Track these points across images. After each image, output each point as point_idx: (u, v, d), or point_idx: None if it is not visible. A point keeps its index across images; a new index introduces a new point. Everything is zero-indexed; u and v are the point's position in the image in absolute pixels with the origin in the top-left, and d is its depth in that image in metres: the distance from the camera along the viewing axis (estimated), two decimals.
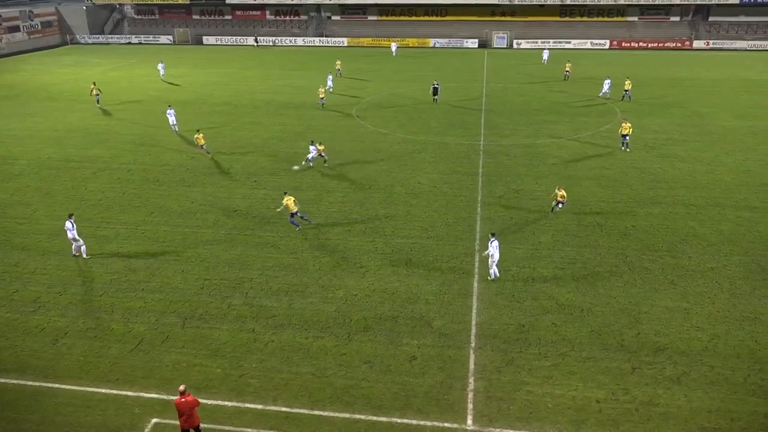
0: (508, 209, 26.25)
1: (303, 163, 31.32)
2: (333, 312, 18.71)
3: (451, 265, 21.49)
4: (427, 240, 23.48)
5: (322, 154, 31.68)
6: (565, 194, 25.10)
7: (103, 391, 15.36)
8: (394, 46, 72.57)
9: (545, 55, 65.95)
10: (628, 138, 33.55)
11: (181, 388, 13.13)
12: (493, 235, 20.21)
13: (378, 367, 16.20)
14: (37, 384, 15.64)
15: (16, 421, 14.36)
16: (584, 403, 14.75)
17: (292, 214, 24.01)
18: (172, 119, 38.14)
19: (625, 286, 19.97)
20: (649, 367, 15.99)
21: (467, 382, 15.58)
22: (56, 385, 15.57)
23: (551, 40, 77.69)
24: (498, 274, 20.37)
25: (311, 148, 31.48)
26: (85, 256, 22.14)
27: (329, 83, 48.98)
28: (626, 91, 45.94)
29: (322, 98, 45.01)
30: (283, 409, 14.72)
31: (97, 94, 45.50)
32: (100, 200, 27.72)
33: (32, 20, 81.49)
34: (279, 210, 24.69)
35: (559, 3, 79.79)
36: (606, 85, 47.17)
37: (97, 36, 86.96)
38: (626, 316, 18.31)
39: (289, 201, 23.85)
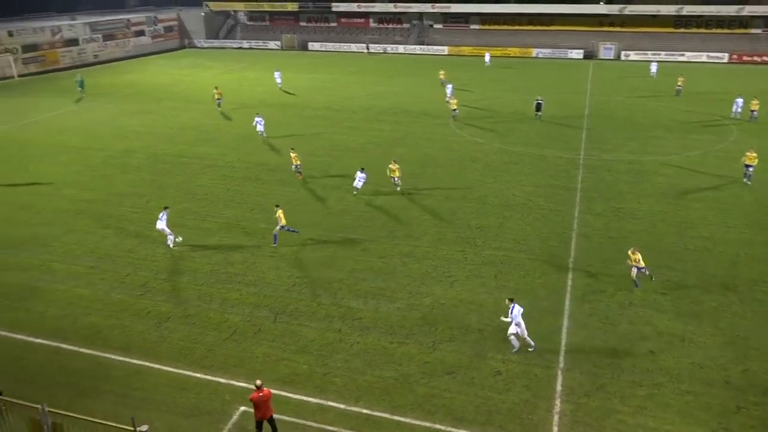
0: (607, 227, 25.16)
1: (354, 193, 28.92)
2: (419, 319, 18.72)
3: (542, 281, 20.89)
4: (519, 253, 22.97)
5: (395, 178, 29.14)
6: (640, 258, 19.96)
7: (198, 375, 16.23)
8: (487, 56, 71.59)
9: (653, 67, 62.37)
10: (752, 169, 29.74)
11: (258, 382, 13.56)
12: (511, 300, 17.18)
13: (461, 378, 16.02)
14: (140, 363, 16.78)
15: (122, 395, 15.46)
16: None
17: (281, 227, 23.43)
18: (260, 127, 38.76)
19: (733, 318, 18.55)
20: (756, 408, 14.74)
21: (553, 404, 15.06)
22: (157, 366, 16.64)
23: (662, 52, 73.66)
24: (532, 344, 17.20)
25: (359, 174, 28.88)
26: (170, 246, 23.47)
27: (449, 92, 48.14)
28: (753, 111, 42.30)
29: (455, 110, 43.80)
30: (365, 411, 14.89)
31: (219, 99, 47.87)
32: (206, 195, 29.37)
33: (156, 25, 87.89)
34: (278, 227, 23.58)
35: (674, 14, 75.71)
36: (737, 104, 43.10)
37: (212, 40, 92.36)
38: (733, 350, 16.99)
39: (280, 214, 23.42)
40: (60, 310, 19.48)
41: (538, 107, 43.96)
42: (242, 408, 14.86)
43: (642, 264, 19.95)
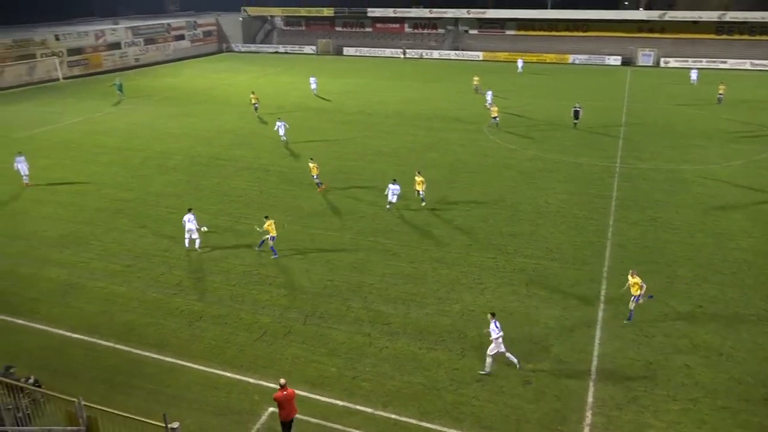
0: (643, 237, 24.65)
1: (387, 207, 27.65)
2: (448, 325, 18.62)
3: (575, 290, 20.57)
4: (552, 262, 22.67)
5: (420, 191, 27.92)
6: (639, 282, 18.36)
7: (229, 375, 16.45)
8: (520, 62, 70.85)
9: (693, 74, 60.89)
10: None
11: (282, 381, 13.66)
12: (492, 315, 16.44)
13: (490, 386, 15.88)
14: (173, 361, 17.10)
15: (154, 392, 15.78)
16: None
17: (272, 238, 22.99)
18: (281, 131, 38.77)
19: None
20: None
21: (584, 415, 14.81)
22: (189, 364, 16.92)
23: (704, 60, 71.90)
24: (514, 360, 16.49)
25: (391, 186, 27.25)
26: (198, 248, 23.63)
27: (489, 99, 47.71)
28: None
29: (495, 117, 42.40)
30: (392, 416, 14.87)
31: (255, 104, 48.12)
32: (240, 197, 29.79)
33: (195, 30, 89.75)
34: (259, 231, 23.27)
35: (716, 20, 73.90)
36: None
37: (249, 45, 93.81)
38: None
39: (270, 225, 22.97)
40: (97, 306, 20.00)
41: (576, 115, 42.62)
42: (271, 409, 14.97)
43: (639, 291, 18.30)
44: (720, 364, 16.59)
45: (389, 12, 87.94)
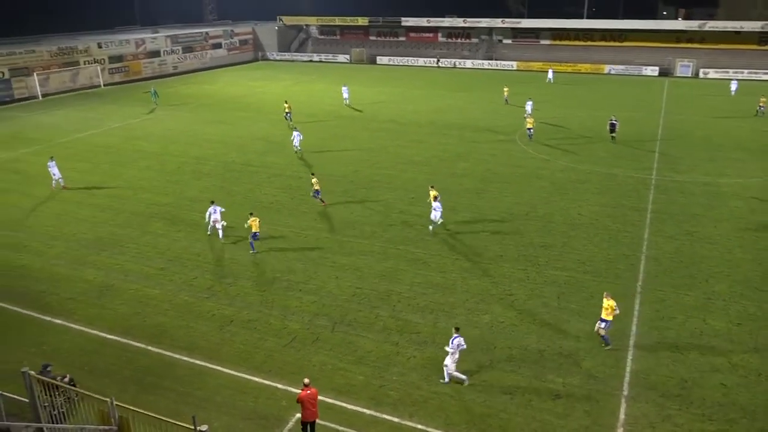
0: (679, 251, 24.08)
1: (430, 228, 26.30)
2: (477, 336, 18.45)
3: None
4: (584, 274, 22.31)
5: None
6: (614, 305, 17.23)
7: (257, 380, 16.60)
8: (550, 72, 69.99)
9: (733, 86, 59.23)
10: None
11: (306, 380, 13.78)
12: (457, 330, 16.24)
13: (519, 399, 15.67)
14: (203, 364, 17.34)
15: (184, 394, 16.02)
16: None
17: (253, 235, 24.08)
18: (296, 140, 38.66)
19: None
20: None
21: None
22: (218, 368, 17.14)
23: (745, 71, 70.09)
24: (465, 378, 16.27)
25: (435, 205, 26.03)
26: (220, 237, 25.67)
27: (528, 110, 46.85)
28: None
29: (530, 128, 41.36)
30: (419, 426, 14.78)
31: (288, 112, 48.14)
32: (272, 203, 30.13)
33: (232, 38, 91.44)
34: (246, 226, 24.61)
35: (759, 30, 72.00)
36: None
37: (284, 53, 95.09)
38: None
39: (253, 222, 24.01)
40: (131, 308, 20.43)
41: (612, 128, 41.21)
42: (298, 415, 15.01)
43: (610, 317, 17.25)
44: (759, 384, 16.06)
45: (423, 21, 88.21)
